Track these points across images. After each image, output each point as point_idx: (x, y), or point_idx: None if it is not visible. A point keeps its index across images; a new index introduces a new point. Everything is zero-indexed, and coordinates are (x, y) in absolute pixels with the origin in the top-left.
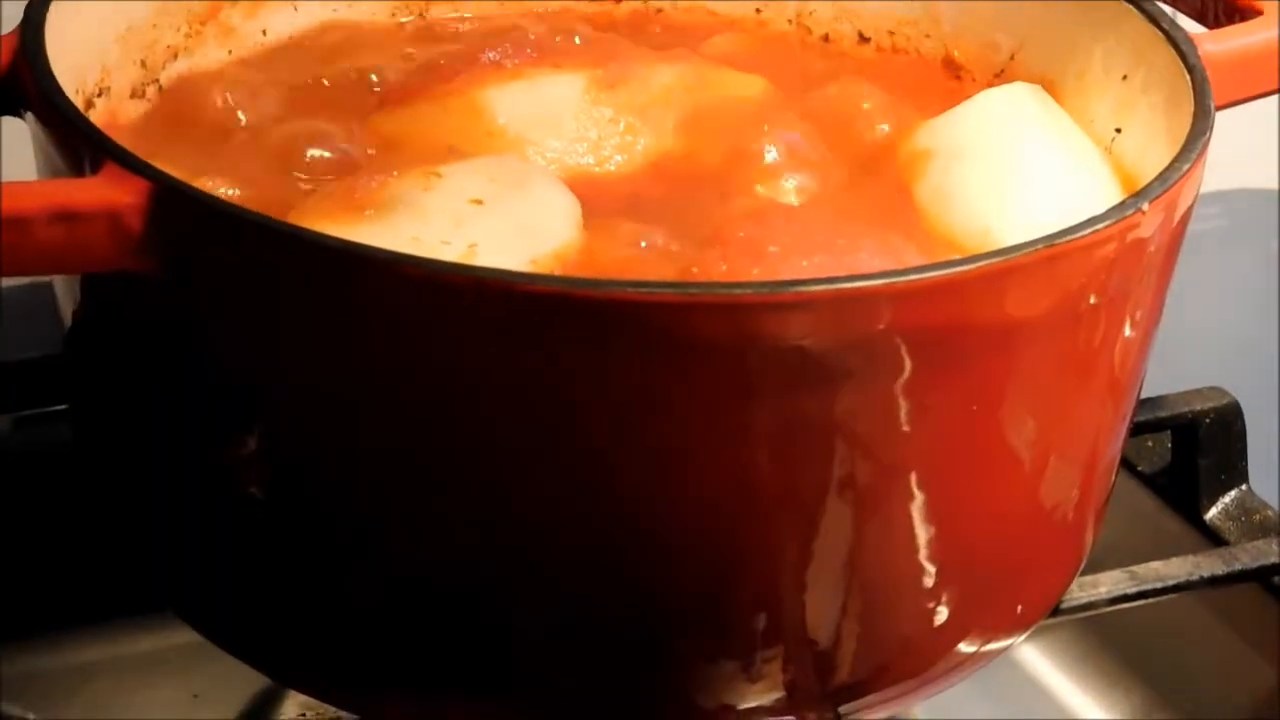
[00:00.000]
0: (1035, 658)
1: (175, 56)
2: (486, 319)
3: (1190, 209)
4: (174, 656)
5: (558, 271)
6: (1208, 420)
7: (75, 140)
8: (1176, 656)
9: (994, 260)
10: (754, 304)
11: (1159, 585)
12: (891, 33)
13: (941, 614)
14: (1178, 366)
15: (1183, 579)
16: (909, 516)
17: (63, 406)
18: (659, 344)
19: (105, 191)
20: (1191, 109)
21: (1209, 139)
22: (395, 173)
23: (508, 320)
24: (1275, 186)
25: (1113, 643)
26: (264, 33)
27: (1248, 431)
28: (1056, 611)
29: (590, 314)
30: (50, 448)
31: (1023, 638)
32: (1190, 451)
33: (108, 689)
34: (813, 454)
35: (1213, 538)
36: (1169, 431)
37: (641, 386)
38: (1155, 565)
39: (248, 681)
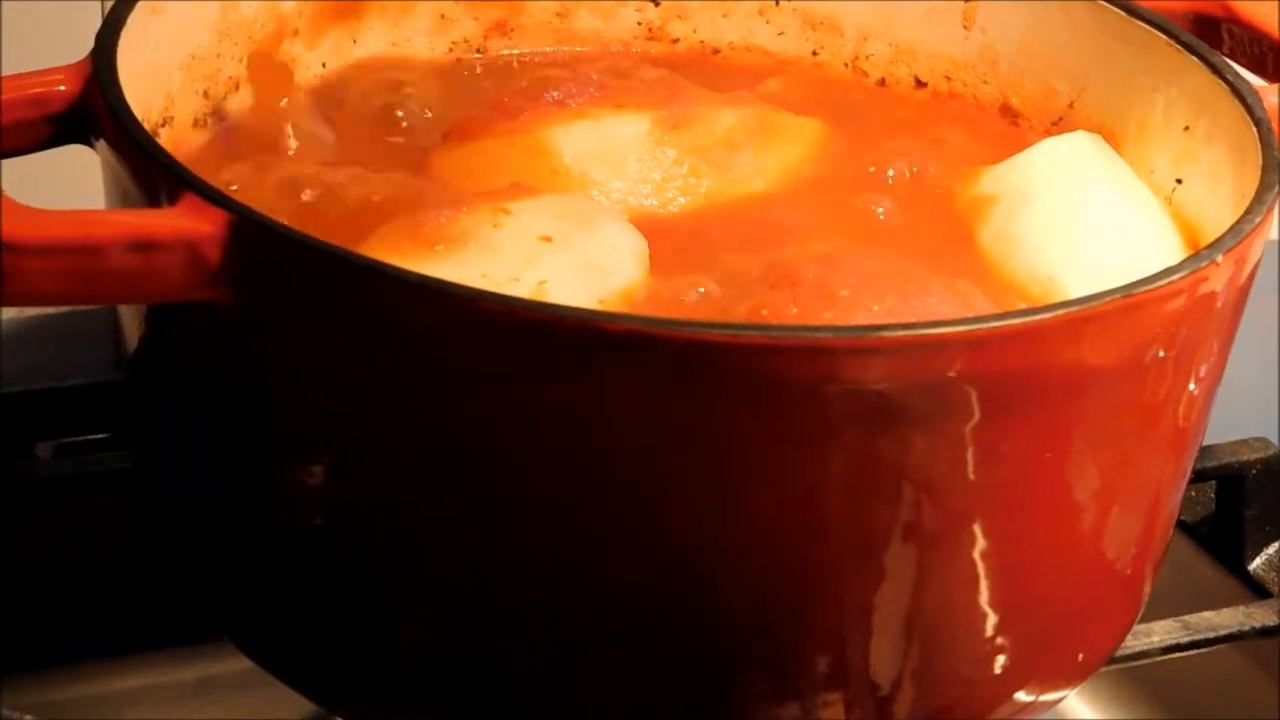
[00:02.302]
0: (1075, 705)
1: (237, 87)
2: (565, 356)
3: (1257, 264)
4: (214, 685)
5: (625, 311)
6: (1254, 471)
7: (153, 170)
8: (1215, 706)
9: (1073, 309)
10: (837, 348)
11: (1211, 635)
12: (948, 78)
13: (1004, 661)
14: (1214, 416)
15: (1234, 629)
16: (976, 562)
17: (104, 435)
18: (738, 385)
19: (183, 221)
20: (1259, 161)
21: (1279, 192)
22: (464, 209)
23: (586, 358)
24: None
25: (1150, 691)
26: (324, 65)
27: None
28: (1110, 660)
29: (671, 354)
30: (92, 474)
31: (1078, 687)
32: (1235, 502)
33: (149, 716)
34: (882, 497)
35: (1256, 589)
36: (1213, 482)
37: (717, 426)
38: (1207, 615)
39: (288, 710)
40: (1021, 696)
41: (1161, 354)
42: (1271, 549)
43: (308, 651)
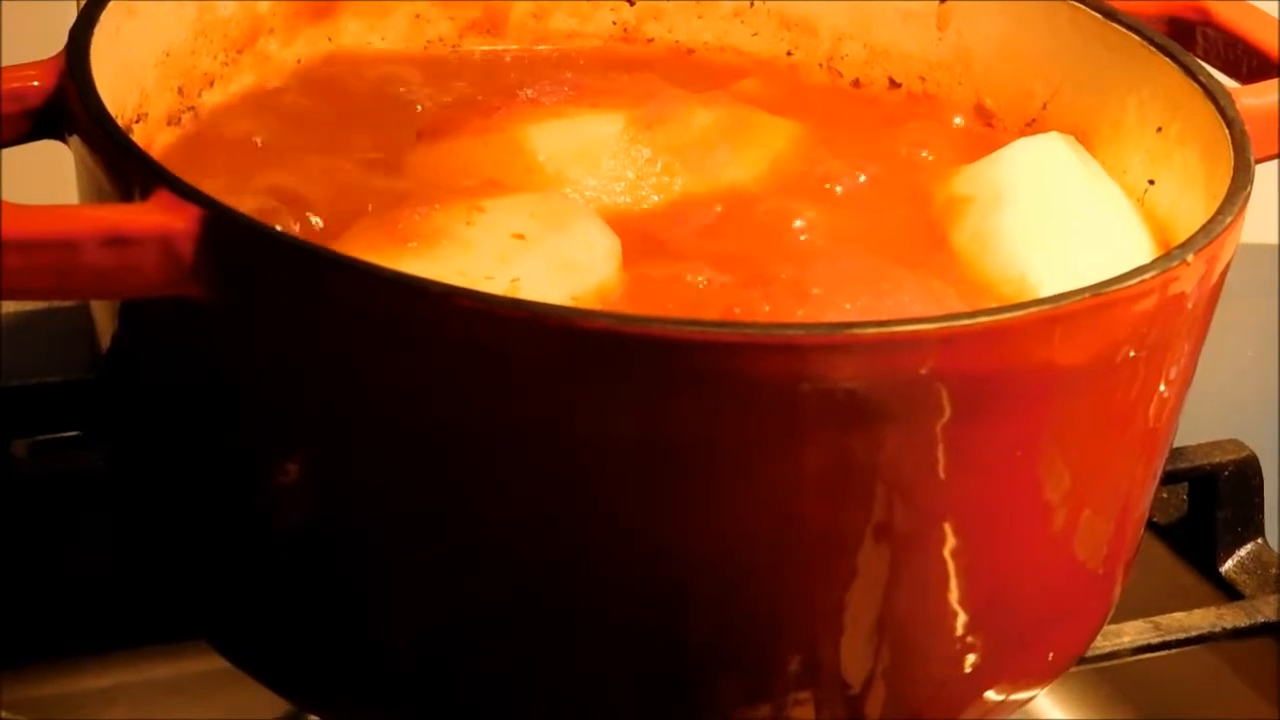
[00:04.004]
0: (1046, 705)
1: (211, 84)
2: (541, 353)
3: (1228, 266)
4: (191, 683)
5: (598, 309)
6: (1226, 473)
7: (127, 166)
8: (1185, 707)
9: (1044, 307)
10: (809, 345)
11: (1182, 636)
12: (923, 78)
13: (974, 660)
14: (1188, 418)
15: (1205, 630)
16: (947, 561)
17: (80, 432)
18: (710, 382)
19: (157, 217)
20: (1230, 163)
21: (1250, 193)
22: (438, 206)
23: (560, 355)
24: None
25: (1121, 692)
26: (298, 62)
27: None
28: (1081, 660)
29: (644, 351)
30: (66, 472)
31: (1048, 686)
32: (1208, 504)
33: (125, 715)
34: (854, 495)
35: (1228, 590)
36: (1186, 484)
37: (689, 423)
38: (1178, 616)
39: (265, 709)
40: (992, 696)
41: (1132, 354)
42: (1243, 551)
43: (284, 651)
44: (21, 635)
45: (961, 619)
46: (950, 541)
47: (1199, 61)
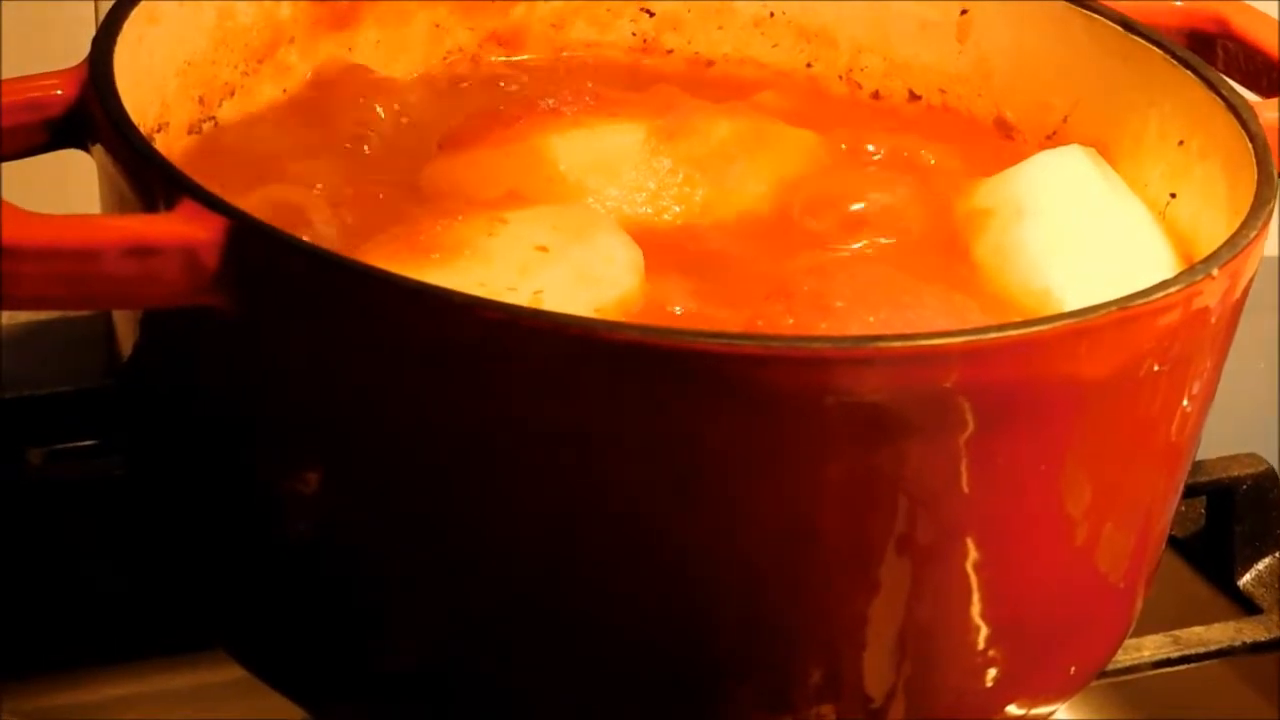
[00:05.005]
0: (1066, 719)
1: (232, 94)
2: (565, 365)
3: (1252, 279)
4: (207, 692)
5: (622, 321)
6: (1244, 487)
7: (151, 175)
8: (1199, 716)
9: (1068, 321)
10: (834, 358)
11: (1201, 650)
12: (943, 91)
13: (996, 673)
14: (1205, 431)
15: (1225, 644)
16: (969, 574)
17: (96, 441)
18: (733, 395)
19: (181, 227)
20: (1254, 176)
21: (1274, 207)
22: (460, 217)
23: (584, 367)
24: None
25: (1140, 705)
26: (318, 73)
27: None
28: (1101, 674)
29: (667, 363)
30: (80, 480)
31: (1069, 700)
32: (1226, 517)
33: None
34: (877, 508)
35: (1246, 604)
36: (1203, 497)
37: (713, 436)
38: (1198, 630)
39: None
40: (1013, 709)
41: (1156, 368)
42: (1261, 565)
43: (301, 659)
44: (39, 643)
45: (983, 632)
46: (973, 555)
47: (1221, 75)
